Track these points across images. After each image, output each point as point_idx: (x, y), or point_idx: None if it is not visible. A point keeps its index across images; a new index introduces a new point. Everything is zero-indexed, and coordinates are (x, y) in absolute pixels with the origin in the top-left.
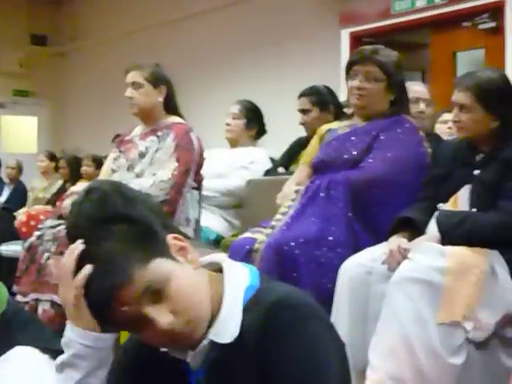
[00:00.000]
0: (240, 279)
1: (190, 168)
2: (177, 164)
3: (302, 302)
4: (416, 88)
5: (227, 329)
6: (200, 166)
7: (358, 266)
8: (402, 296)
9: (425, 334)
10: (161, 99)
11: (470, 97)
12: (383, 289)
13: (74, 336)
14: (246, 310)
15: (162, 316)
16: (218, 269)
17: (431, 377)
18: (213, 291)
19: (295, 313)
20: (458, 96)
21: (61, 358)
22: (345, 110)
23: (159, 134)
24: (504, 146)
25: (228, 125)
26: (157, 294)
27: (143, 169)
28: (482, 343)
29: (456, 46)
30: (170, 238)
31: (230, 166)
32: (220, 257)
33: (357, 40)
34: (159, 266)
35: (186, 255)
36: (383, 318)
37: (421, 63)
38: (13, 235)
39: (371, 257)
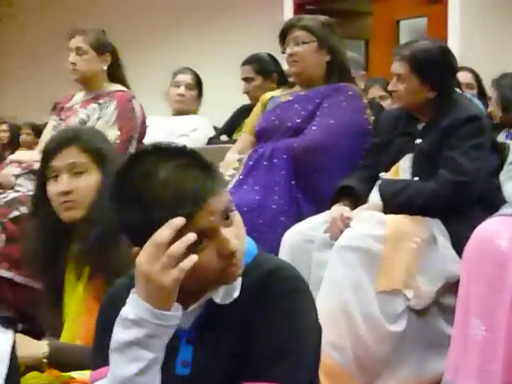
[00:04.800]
0: None
1: (133, 136)
2: (119, 133)
3: (298, 274)
4: None
5: (230, 290)
6: (142, 134)
7: (299, 235)
8: (341, 264)
9: (364, 302)
10: (105, 67)
11: (405, 67)
12: (324, 257)
13: (148, 316)
14: (245, 273)
15: (232, 238)
16: None
17: (371, 344)
18: None
19: (292, 284)
20: (395, 66)
21: (125, 338)
22: (289, 79)
23: (101, 101)
24: (442, 116)
25: (181, 95)
26: (227, 218)
27: None
28: (423, 311)
29: (399, 14)
30: None
31: (172, 134)
32: None
33: (300, 7)
34: (228, 196)
35: None
36: (324, 286)
37: (364, 32)
38: None
39: (312, 225)
